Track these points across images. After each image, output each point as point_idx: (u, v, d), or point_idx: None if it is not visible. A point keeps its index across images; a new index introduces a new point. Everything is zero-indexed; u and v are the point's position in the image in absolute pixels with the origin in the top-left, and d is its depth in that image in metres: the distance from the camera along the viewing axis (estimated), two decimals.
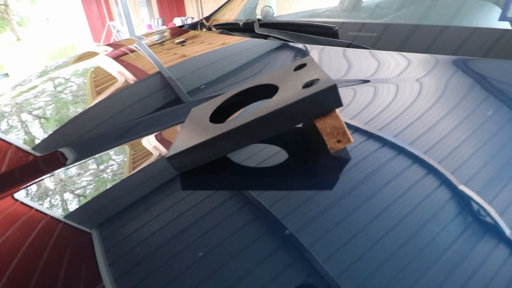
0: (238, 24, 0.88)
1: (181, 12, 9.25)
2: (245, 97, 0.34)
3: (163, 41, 1.01)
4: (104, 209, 0.26)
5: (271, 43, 0.67)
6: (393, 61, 0.46)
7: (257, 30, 0.77)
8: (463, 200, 0.22)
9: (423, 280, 0.17)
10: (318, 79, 0.26)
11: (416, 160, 0.26)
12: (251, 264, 0.19)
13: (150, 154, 0.34)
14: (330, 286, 0.17)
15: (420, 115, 0.31)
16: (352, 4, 1.60)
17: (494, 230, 0.20)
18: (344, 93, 0.38)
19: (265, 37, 0.74)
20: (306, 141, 0.30)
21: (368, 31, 0.62)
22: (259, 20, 0.80)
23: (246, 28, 0.85)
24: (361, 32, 0.62)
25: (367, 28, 0.64)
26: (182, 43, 0.90)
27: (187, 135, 0.30)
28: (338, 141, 0.25)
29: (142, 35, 1.35)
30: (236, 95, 0.34)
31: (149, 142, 0.37)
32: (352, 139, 0.25)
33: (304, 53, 0.56)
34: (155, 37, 1.14)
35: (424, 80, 0.39)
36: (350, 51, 0.52)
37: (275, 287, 0.17)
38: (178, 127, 0.40)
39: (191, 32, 1.05)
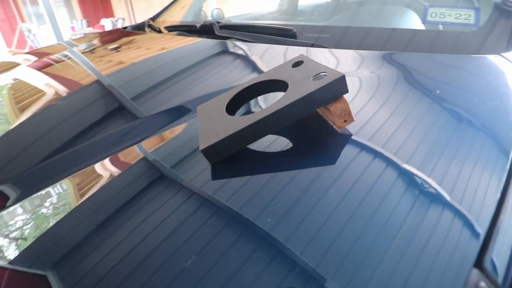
0: (194, 26, 0.89)
1: (108, 13, 8.53)
2: (254, 91, 0.37)
3: (105, 47, 0.91)
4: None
5: (236, 45, 0.70)
6: (349, 57, 0.55)
7: (218, 32, 0.80)
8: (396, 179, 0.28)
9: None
10: (325, 72, 0.31)
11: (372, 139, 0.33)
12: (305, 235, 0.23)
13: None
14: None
15: (366, 100, 0.40)
16: (292, 7, 1.72)
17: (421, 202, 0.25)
18: None
19: (224, 39, 0.77)
20: (308, 126, 0.35)
21: (322, 33, 0.70)
22: (218, 22, 0.82)
23: (204, 30, 0.86)
24: (316, 34, 0.70)
25: (321, 30, 0.72)
26: (134, 48, 0.85)
27: (211, 128, 0.33)
28: (345, 121, 0.31)
29: (73, 39, 1.19)
30: (246, 89, 0.37)
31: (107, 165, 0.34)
32: (354, 118, 0.31)
33: (271, 53, 0.61)
34: (92, 43, 1.02)
35: (378, 72, 0.48)
36: (312, 50, 0.59)
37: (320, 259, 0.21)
38: (135, 147, 0.37)
39: (144, 35, 1.01)
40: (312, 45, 0.61)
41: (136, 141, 0.38)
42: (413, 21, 0.79)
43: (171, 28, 1.01)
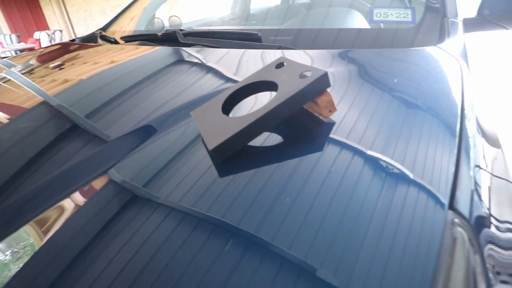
0: (156, 34, 0.88)
1: (41, 25, 7.81)
2: (245, 92, 0.40)
3: (56, 64, 0.83)
4: None
5: (205, 52, 0.72)
6: (315, 57, 0.60)
7: (182, 40, 0.80)
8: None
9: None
10: (308, 70, 0.35)
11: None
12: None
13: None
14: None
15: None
16: (246, 13, 1.77)
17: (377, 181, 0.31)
18: None
19: (189, 46, 0.78)
20: (297, 120, 0.39)
21: (284, 36, 0.75)
22: (181, 30, 0.83)
23: (166, 39, 0.86)
24: (280, 37, 0.75)
25: (285, 33, 0.77)
26: (92, 63, 0.80)
27: (213, 129, 0.35)
28: (329, 111, 0.35)
29: (8, 58, 1.04)
30: (238, 90, 0.40)
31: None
32: (337, 108, 0.36)
33: (243, 58, 0.64)
34: (34, 61, 0.91)
35: (343, 68, 0.54)
36: (280, 52, 0.64)
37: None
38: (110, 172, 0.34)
39: (99, 47, 0.97)
40: (280, 48, 0.66)
41: (109, 167, 0.35)
42: (359, 21, 0.89)
43: (128, 38, 0.98)
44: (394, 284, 0.21)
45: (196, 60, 0.68)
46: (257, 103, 0.44)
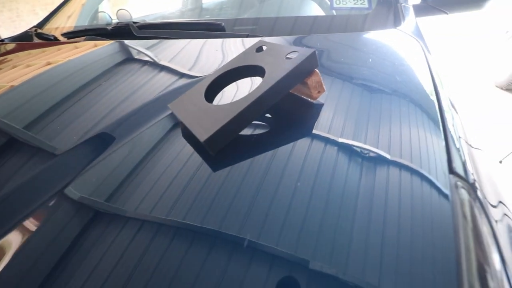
0: (105, 29, 0.80)
1: None
2: (227, 78, 0.37)
3: None
4: None
5: (166, 44, 0.67)
6: (284, 42, 0.59)
7: (137, 33, 0.74)
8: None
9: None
10: (295, 51, 0.33)
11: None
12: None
13: None
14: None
15: None
16: (198, 5, 1.71)
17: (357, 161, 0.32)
18: None
19: (145, 39, 0.72)
20: (284, 105, 0.37)
21: (247, 25, 0.73)
22: (134, 22, 0.76)
23: (118, 33, 0.78)
24: (243, 26, 0.72)
25: (246, 22, 0.75)
26: (30, 63, 0.69)
27: (200, 119, 0.31)
28: (318, 92, 0.34)
29: None
30: (219, 77, 0.37)
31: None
32: (325, 89, 0.35)
33: (209, 48, 0.61)
34: None
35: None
36: (249, 39, 0.62)
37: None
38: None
39: (38, 46, 0.85)
40: (248, 36, 0.63)
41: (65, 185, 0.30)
42: (314, 8, 0.90)
43: (72, 34, 0.88)
44: (421, 246, 0.22)
45: (155, 54, 0.63)
46: (240, 90, 0.42)
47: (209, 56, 0.58)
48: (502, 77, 2.68)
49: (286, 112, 0.37)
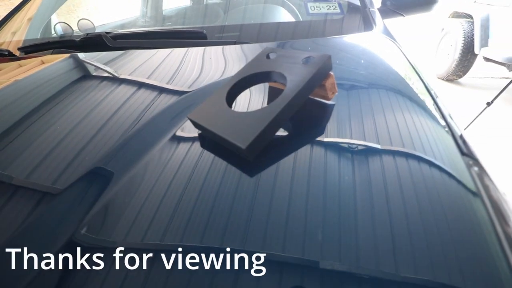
0: (73, 40, 0.74)
1: None
2: (245, 84, 0.38)
3: None
4: None
5: (145, 54, 0.64)
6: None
7: (111, 44, 0.70)
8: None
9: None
10: (310, 56, 0.35)
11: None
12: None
13: None
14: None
15: None
16: (159, 13, 1.66)
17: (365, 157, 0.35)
18: None
19: (120, 50, 0.68)
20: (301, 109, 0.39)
21: (228, 32, 0.73)
22: (107, 33, 0.72)
23: (89, 44, 0.73)
24: (224, 33, 0.72)
25: (227, 29, 0.75)
26: None
27: (233, 127, 0.31)
28: (333, 93, 0.36)
29: None
30: (237, 83, 0.38)
31: None
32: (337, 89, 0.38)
33: (196, 56, 0.60)
34: None
35: None
36: (234, 47, 0.62)
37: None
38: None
39: None
40: (235, 43, 0.64)
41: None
42: (284, 14, 0.94)
43: (32, 48, 0.80)
44: (455, 219, 0.25)
45: (138, 65, 0.60)
46: (256, 96, 0.43)
47: (200, 65, 0.57)
48: (442, 70, 3.06)
49: (305, 113, 0.38)
